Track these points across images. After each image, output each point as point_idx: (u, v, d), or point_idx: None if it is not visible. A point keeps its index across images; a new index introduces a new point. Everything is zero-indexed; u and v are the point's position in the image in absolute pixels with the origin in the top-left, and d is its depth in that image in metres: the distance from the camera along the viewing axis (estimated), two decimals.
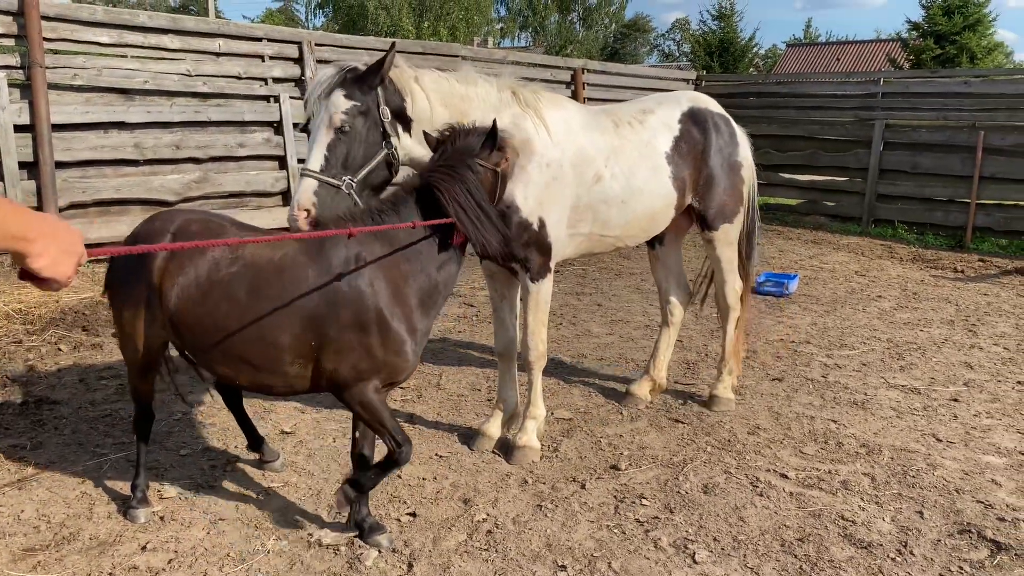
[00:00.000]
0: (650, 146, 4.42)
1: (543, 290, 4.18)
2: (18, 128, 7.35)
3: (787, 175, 13.42)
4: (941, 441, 4.61)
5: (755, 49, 28.08)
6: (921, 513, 3.75)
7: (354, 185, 3.50)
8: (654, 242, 5.08)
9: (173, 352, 3.53)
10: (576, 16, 44.49)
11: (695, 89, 14.91)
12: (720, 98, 4.92)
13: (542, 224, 4.02)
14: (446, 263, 3.17)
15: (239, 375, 3.16)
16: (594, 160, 4.20)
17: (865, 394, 5.36)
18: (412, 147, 3.77)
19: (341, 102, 3.50)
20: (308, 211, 3.40)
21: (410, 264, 3.09)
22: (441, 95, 3.82)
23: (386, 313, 3.01)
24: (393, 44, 3.75)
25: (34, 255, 1.51)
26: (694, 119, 4.60)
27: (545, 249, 4.08)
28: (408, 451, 3.17)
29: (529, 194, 3.94)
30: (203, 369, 3.41)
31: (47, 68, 7.48)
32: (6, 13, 7.30)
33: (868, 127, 12.39)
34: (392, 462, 3.20)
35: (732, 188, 4.70)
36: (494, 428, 4.49)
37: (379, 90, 3.60)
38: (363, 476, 3.26)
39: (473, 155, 3.17)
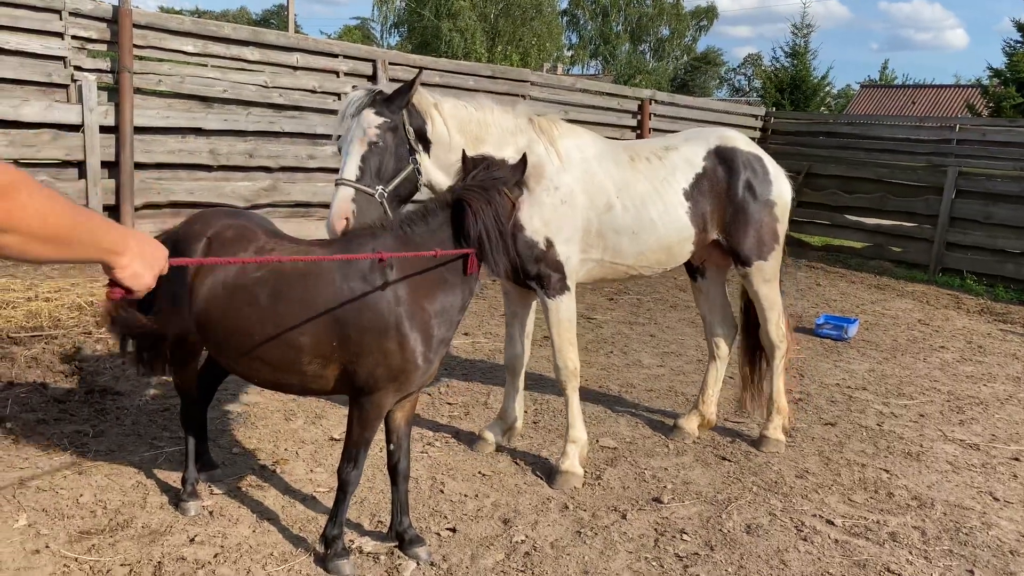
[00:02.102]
0: (666, 182, 4.48)
1: (563, 307, 4.23)
2: (103, 129, 7.70)
3: (853, 217, 13.17)
4: (998, 500, 4.46)
5: (827, 88, 27.67)
6: (972, 572, 3.64)
7: (386, 195, 3.65)
8: (695, 275, 5.11)
9: None
10: (648, 47, 44.59)
11: (763, 125, 14.80)
12: (788, 136, 4.94)
13: (549, 244, 4.11)
14: (468, 276, 3.23)
15: (258, 373, 3.28)
16: (606, 189, 4.29)
17: (921, 446, 5.22)
18: (431, 169, 3.93)
19: (372, 118, 3.69)
20: (347, 219, 3.55)
21: (433, 273, 3.16)
22: (459, 121, 3.97)
23: (404, 319, 3.08)
24: (420, 71, 3.97)
25: (120, 267, 1.69)
26: (720, 157, 4.64)
27: (556, 266, 4.14)
28: (352, 476, 3.24)
29: (534, 214, 4.05)
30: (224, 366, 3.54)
31: (134, 73, 7.82)
32: (101, 20, 7.68)
33: (940, 173, 12.10)
34: (339, 487, 3.28)
35: (764, 225, 4.70)
36: (492, 434, 4.70)
37: (404, 111, 3.78)
38: (328, 527, 3.32)
39: (503, 182, 3.29)
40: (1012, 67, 22.98)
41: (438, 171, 3.94)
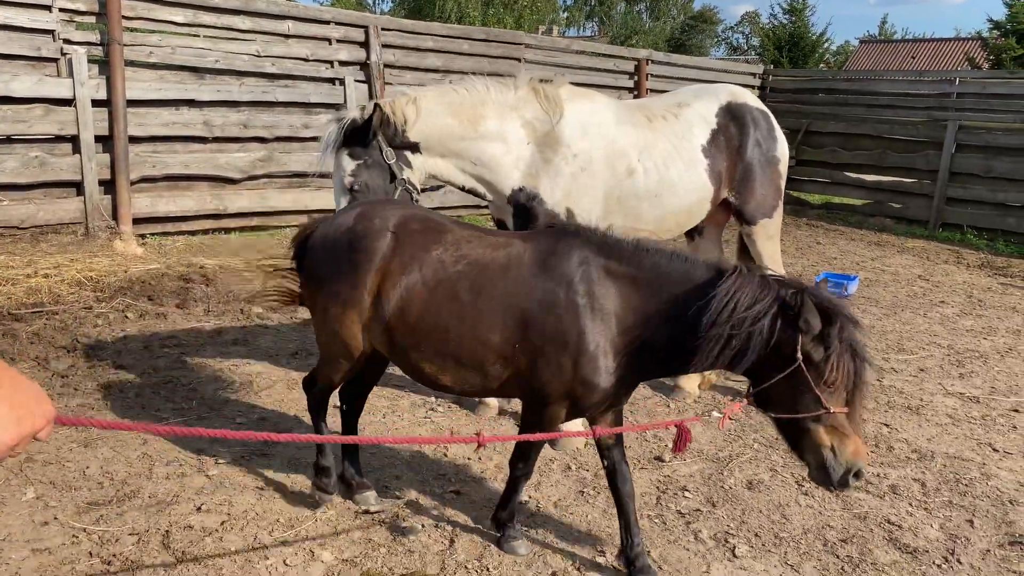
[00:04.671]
0: (686, 139, 4.46)
1: None
2: (95, 103, 7.63)
3: (853, 174, 13.08)
4: (998, 451, 4.49)
5: (826, 45, 27.44)
6: (971, 522, 3.68)
7: None
8: (693, 233, 5.11)
9: None
10: (644, 7, 44.03)
11: (761, 83, 14.65)
12: (787, 93, 4.95)
13: (570, 214, 4.11)
14: (666, 324, 2.80)
15: (444, 374, 3.08)
16: (626, 153, 4.25)
17: (921, 400, 5.25)
18: (426, 167, 3.98)
19: (347, 163, 3.79)
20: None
21: (639, 299, 2.85)
22: (449, 107, 3.94)
23: (588, 336, 2.82)
24: (376, 105, 3.80)
25: None
26: (732, 113, 4.61)
27: None
28: (520, 471, 3.22)
29: (556, 185, 4.04)
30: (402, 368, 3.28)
31: (124, 45, 7.73)
32: None
33: (940, 128, 12.00)
34: (509, 478, 3.29)
35: (770, 183, 4.72)
36: (493, 399, 4.70)
37: (379, 136, 3.80)
38: (498, 511, 3.34)
39: (806, 299, 2.61)
40: (1012, 18, 22.72)
41: (436, 160, 3.96)
